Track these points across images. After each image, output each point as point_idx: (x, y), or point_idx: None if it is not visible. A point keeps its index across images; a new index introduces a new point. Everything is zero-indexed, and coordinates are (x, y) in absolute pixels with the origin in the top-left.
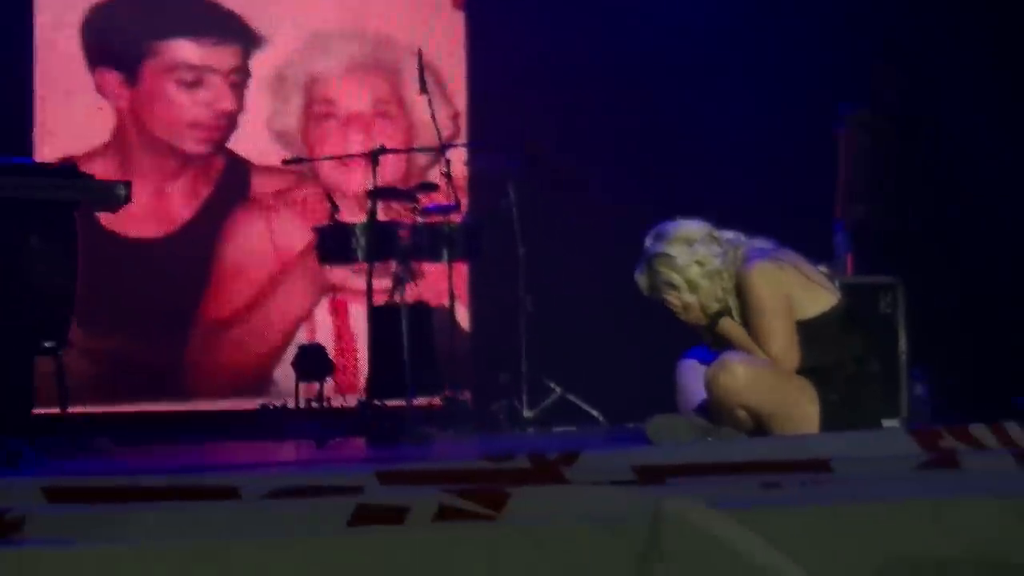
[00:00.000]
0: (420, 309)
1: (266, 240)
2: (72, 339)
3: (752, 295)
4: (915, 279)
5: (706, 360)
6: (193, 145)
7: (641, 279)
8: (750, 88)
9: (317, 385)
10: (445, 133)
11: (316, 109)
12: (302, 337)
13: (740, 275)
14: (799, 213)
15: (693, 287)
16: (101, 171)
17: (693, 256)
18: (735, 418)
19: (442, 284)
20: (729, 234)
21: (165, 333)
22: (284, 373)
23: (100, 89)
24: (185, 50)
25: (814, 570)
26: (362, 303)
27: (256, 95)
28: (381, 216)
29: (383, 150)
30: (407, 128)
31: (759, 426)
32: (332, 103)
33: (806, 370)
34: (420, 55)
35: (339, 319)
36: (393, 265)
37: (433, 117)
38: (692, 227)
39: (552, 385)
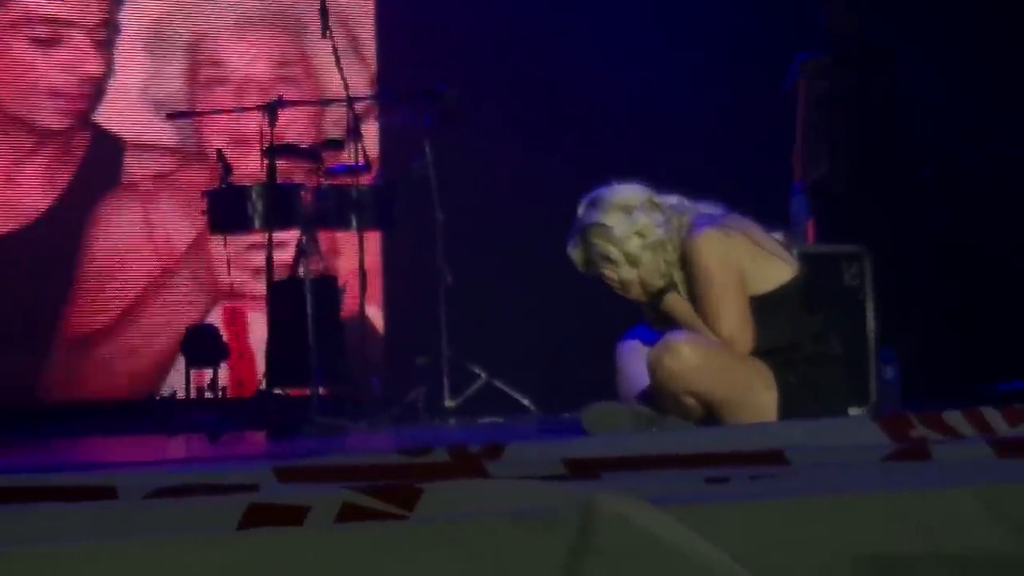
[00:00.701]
0: (326, 284)
1: (144, 235)
2: None
3: (699, 267)
4: (883, 248)
5: (649, 341)
6: (51, 118)
7: (575, 253)
8: (691, 34)
9: (209, 372)
10: (353, 84)
11: (203, 73)
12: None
13: (686, 245)
14: (752, 175)
15: (633, 261)
16: None
17: (632, 226)
18: (682, 405)
19: (351, 255)
20: (672, 199)
21: (19, 349)
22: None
23: None
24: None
25: (762, 571)
26: (264, 312)
27: (128, 56)
28: (281, 178)
29: (281, 102)
30: (315, 94)
31: (709, 414)
32: (222, 65)
33: (761, 352)
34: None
35: (236, 329)
36: (295, 234)
37: (338, 63)
38: (630, 193)
39: (476, 370)
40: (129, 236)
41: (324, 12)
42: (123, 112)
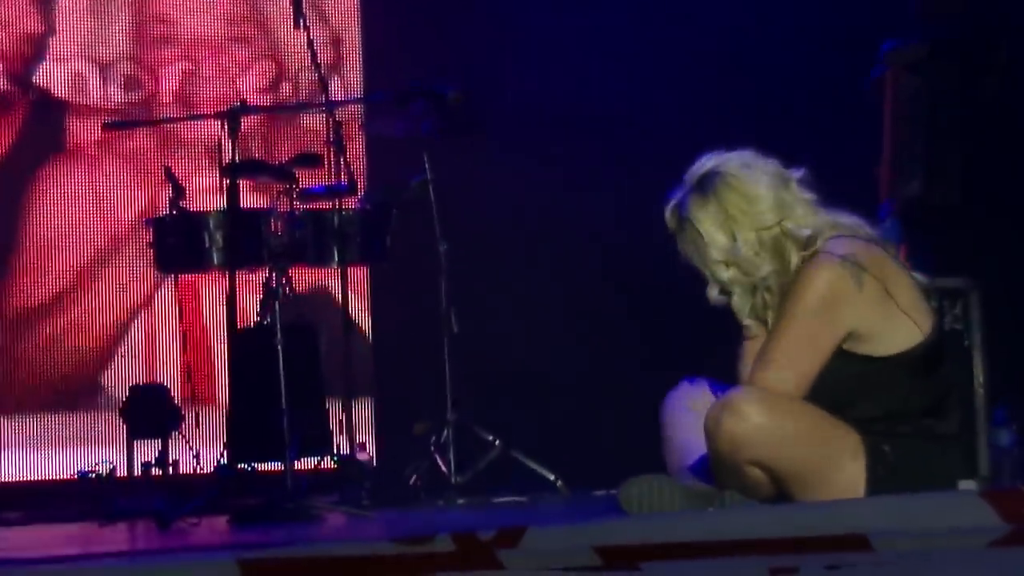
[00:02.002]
0: (301, 333)
1: (89, 204)
2: None
3: (797, 295)
4: (993, 282)
5: (713, 391)
6: None
7: (698, 202)
8: (745, 20)
9: (158, 444)
10: (331, 84)
11: (149, 31)
12: (138, 336)
13: (806, 263)
14: (828, 192)
15: (756, 238)
16: None
17: (777, 198)
18: (745, 479)
19: (332, 297)
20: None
21: None
22: (115, 379)
23: None
24: None
25: None
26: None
27: (69, 14)
28: (244, 201)
29: (244, 108)
30: (271, 56)
31: (779, 490)
32: (170, 23)
33: (853, 419)
34: None
35: (189, 313)
36: (263, 271)
37: (315, 61)
38: (779, 167)
39: (489, 438)
40: (74, 204)
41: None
42: (65, 74)
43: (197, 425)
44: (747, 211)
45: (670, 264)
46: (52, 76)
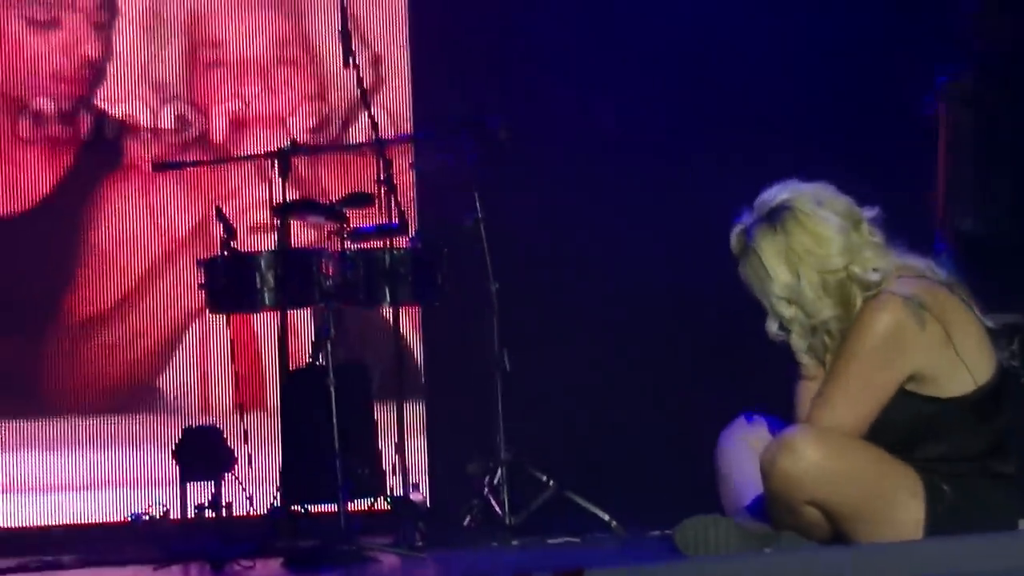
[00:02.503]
0: (353, 373)
1: (145, 218)
2: None
3: (856, 334)
4: None
5: (769, 429)
6: (50, 102)
7: (765, 234)
8: (806, 51)
9: (211, 485)
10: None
11: (201, 54)
12: (192, 341)
13: (867, 302)
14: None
15: (820, 280)
16: None
17: (846, 241)
18: (803, 519)
19: (384, 337)
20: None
21: (18, 334)
22: (171, 384)
23: None
24: None
25: None
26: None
27: (127, 38)
28: (295, 239)
29: (294, 148)
30: (316, 77)
31: (837, 531)
32: (221, 46)
33: (912, 460)
34: (344, 8)
35: (239, 328)
36: (314, 311)
37: (364, 99)
38: (852, 205)
39: (543, 478)
40: (130, 219)
41: (346, 38)
42: (123, 95)
43: (251, 466)
44: (814, 252)
45: (727, 299)
46: (111, 97)
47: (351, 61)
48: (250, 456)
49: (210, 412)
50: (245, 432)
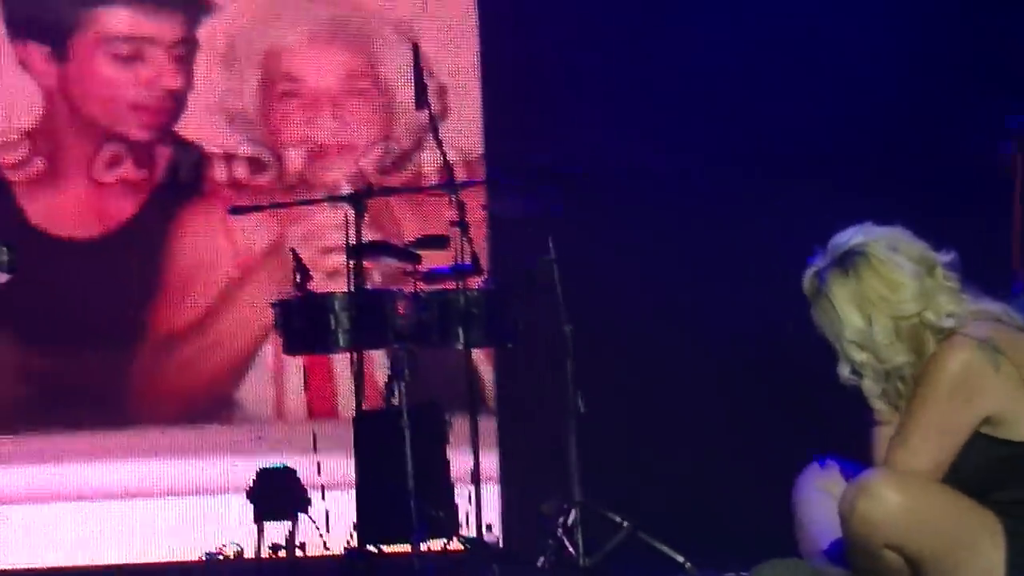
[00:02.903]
0: (427, 414)
1: (222, 240)
2: None
3: (930, 376)
4: None
5: (845, 472)
6: (134, 130)
7: (838, 278)
8: (879, 93)
9: (287, 525)
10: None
11: (276, 86)
12: (267, 354)
13: (940, 345)
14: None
15: (893, 326)
16: (30, 163)
17: (920, 287)
18: (882, 564)
19: (457, 378)
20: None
21: (105, 349)
22: (248, 395)
23: (24, 65)
24: (121, 19)
25: None
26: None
27: (206, 71)
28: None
29: (370, 191)
30: (384, 108)
31: (916, 574)
32: (294, 79)
33: (992, 502)
34: (416, 52)
35: (317, 379)
36: (387, 353)
37: (438, 141)
38: (927, 250)
39: (617, 519)
40: (208, 240)
41: (420, 82)
42: (202, 124)
43: (325, 505)
44: (887, 298)
45: (801, 342)
46: (190, 127)
47: (424, 104)
48: (323, 490)
49: (286, 419)
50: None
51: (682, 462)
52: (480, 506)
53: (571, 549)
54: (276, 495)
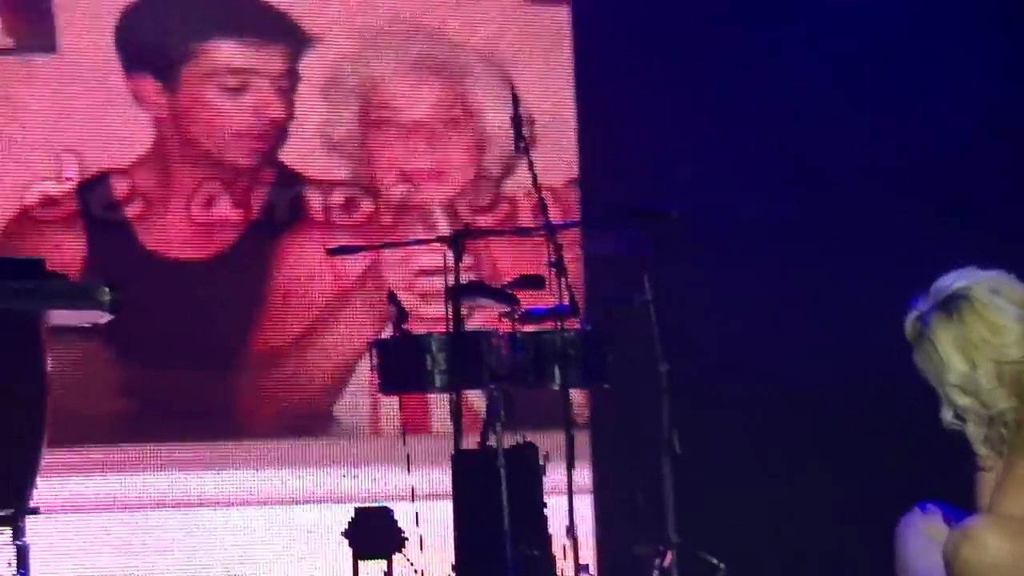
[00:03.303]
0: (523, 455)
1: (321, 262)
2: (106, 372)
3: None
4: None
5: (948, 518)
6: (240, 157)
7: (940, 322)
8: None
9: (383, 566)
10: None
11: (374, 115)
12: (363, 371)
13: None
14: None
15: (996, 370)
16: (141, 186)
17: (1023, 327)
18: None
19: (552, 418)
20: None
21: (211, 365)
22: (347, 408)
23: (136, 96)
24: (229, 52)
25: None
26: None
27: (307, 101)
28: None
29: (466, 231)
30: (477, 137)
31: None
32: (391, 108)
33: None
34: (515, 101)
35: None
36: (485, 393)
37: (535, 183)
38: None
39: (714, 561)
40: (308, 262)
41: (518, 124)
42: (303, 152)
43: (421, 549)
44: (990, 341)
45: (901, 386)
46: (292, 154)
47: (522, 146)
48: (422, 537)
49: (380, 433)
50: (416, 514)
51: (779, 504)
52: (576, 546)
53: None
54: (373, 535)
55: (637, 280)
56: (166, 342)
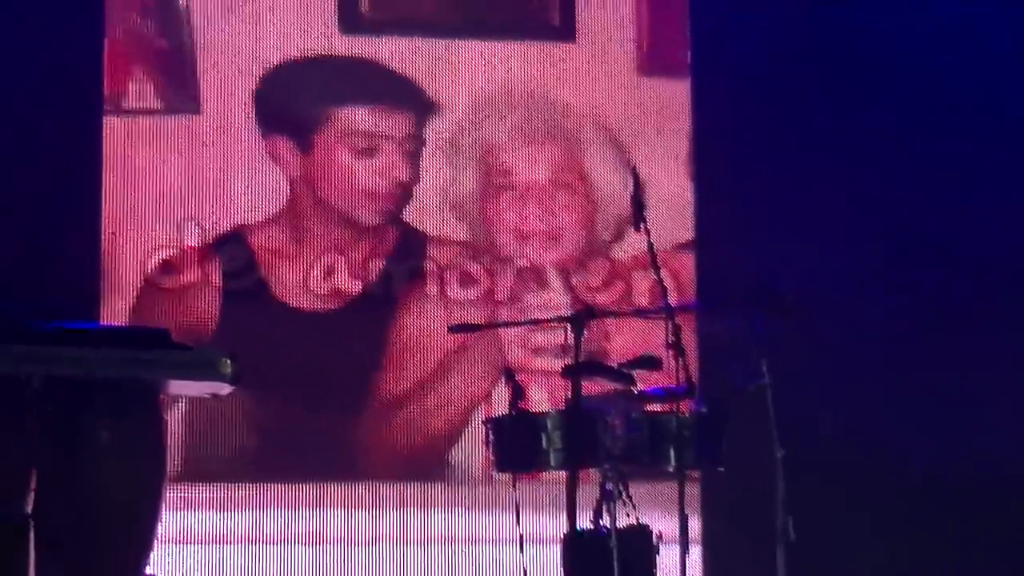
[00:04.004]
0: (637, 536)
1: (441, 313)
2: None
3: None
4: None
5: None
6: (368, 215)
7: None
8: None
9: None
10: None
11: (493, 179)
12: (478, 419)
13: None
14: None
15: None
16: (275, 242)
17: None
18: None
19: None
20: None
21: (336, 409)
22: (462, 457)
23: (273, 156)
24: (361, 117)
25: None
26: (545, 383)
27: (430, 163)
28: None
29: (590, 313)
30: (589, 201)
31: None
32: (509, 173)
33: None
34: (636, 177)
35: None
36: (598, 474)
37: (655, 264)
38: None
39: None
40: (428, 314)
41: (638, 204)
42: (426, 211)
43: None
44: None
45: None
46: (415, 213)
47: (642, 227)
48: None
49: (492, 480)
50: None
51: None
52: None
53: None
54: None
55: (755, 363)
56: (295, 385)
